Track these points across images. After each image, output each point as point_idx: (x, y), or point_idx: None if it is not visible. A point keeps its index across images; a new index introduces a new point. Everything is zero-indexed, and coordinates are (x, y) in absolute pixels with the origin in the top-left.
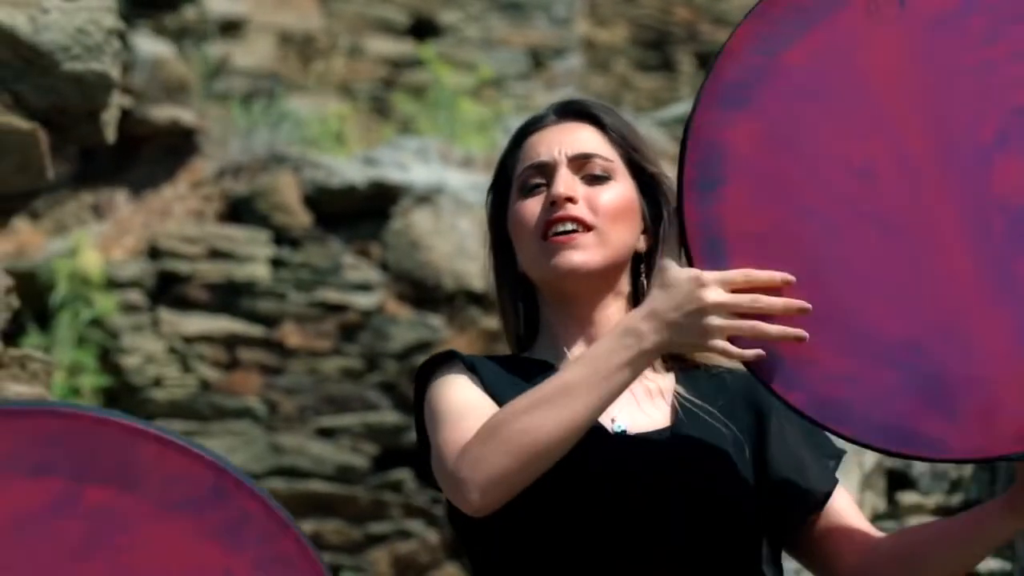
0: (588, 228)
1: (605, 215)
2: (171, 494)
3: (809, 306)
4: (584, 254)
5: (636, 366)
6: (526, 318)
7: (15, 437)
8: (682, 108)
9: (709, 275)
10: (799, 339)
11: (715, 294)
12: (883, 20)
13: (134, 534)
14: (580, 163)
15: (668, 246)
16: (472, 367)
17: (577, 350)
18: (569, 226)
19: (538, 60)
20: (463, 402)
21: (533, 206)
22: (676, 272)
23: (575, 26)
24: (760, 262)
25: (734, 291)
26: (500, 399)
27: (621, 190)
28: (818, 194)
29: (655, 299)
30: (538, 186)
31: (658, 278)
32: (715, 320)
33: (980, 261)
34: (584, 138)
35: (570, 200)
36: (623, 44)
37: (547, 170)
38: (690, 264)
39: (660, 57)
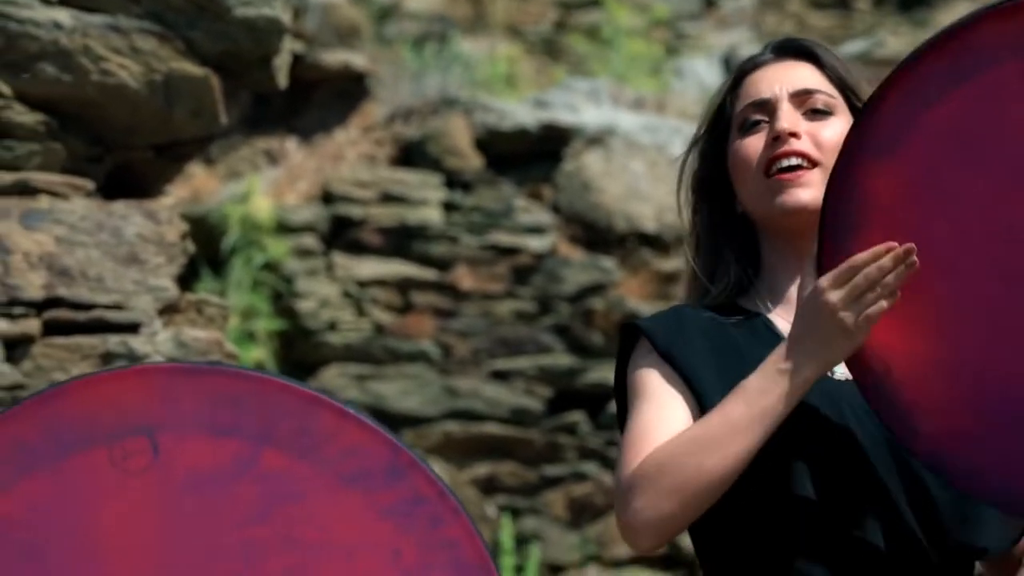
0: (813, 164)
1: (830, 150)
2: (347, 467)
3: (912, 245)
4: (811, 191)
5: (793, 398)
6: (738, 263)
7: (199, 396)
8: (858, 46)
9: (821, 281)
10: (909, 261)
11: (833, 293)
12: None
13: (305, 503)
14: (802, 99)
15: None
16: (669, 352)
17: (796, 289)
18: (794, 161)
19: (710, 0)
20: (649, 422)
21: (755, 143)
22: (806, 295)
23: None
24: (895, 310)
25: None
26: (697, 385)
27: (843, 126)
28: (958, 249)
29: (795, 326)
30: (759, 123)
31: (798, 312)
32: (846, 316)
33: None
34: (804, 75)
35: (794, 135)
36: None
37: (768, 107)
38: None
39: None
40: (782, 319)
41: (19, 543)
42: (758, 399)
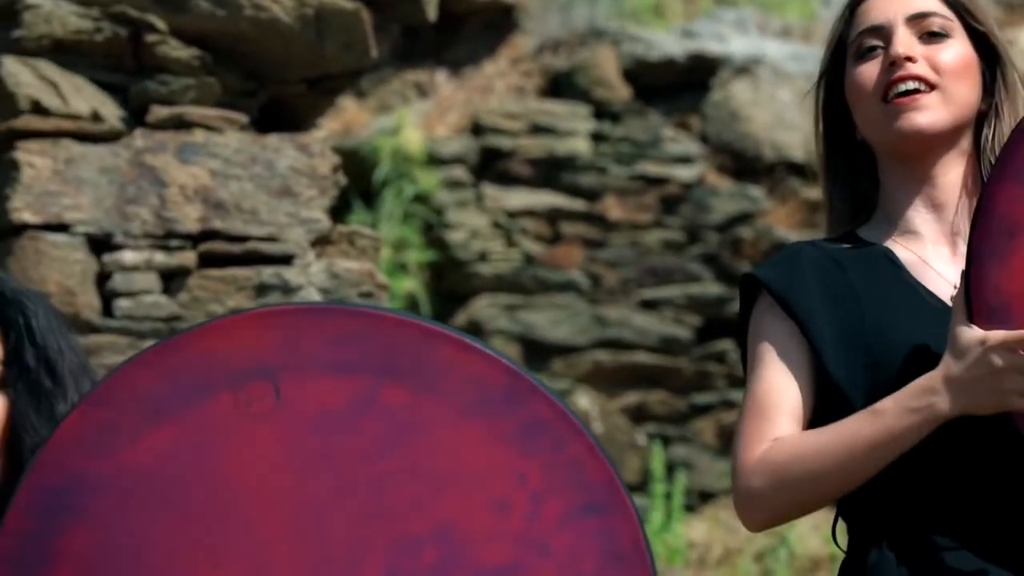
0: (931, 87)
1: (948, 73)
2: (467, 396)
3: None
4: (929, 115)
5: (924, 430)
6: (861, 192)
7: (318, 336)
8: None
9: (995, 336)
10: None
11: (1003, 357)
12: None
13: (430, 434)
14: (917, 22)
15: (1010, 105)
16: (785, 302)
17: (919, 216)
18: (911, 85)
19: None
20: (770, 393)
21: (871, 69)
22: (966, 337)
23: None
24: None
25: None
26: (813, 338)
27: (961, 48)
28: None
29: (948, 365)
30: (874, 49)
31: (951, 345)
32: (1008, 382)
33: None
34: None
35: (910, 59)
36: None
37: (884, 32)
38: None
39: None
40: (902, 247)
41: (150, 494)
42: (893, 423)
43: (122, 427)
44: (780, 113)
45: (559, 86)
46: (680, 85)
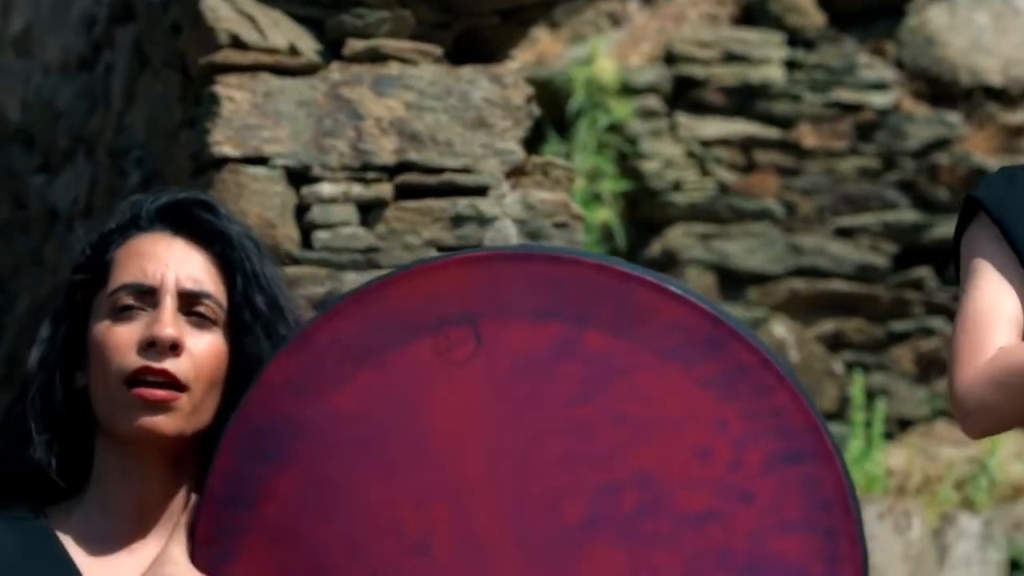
0: None
1: None
2: (667, 341)
3: None
4: None
5: None
6: None
7: (518, 282)
8: None
9: None
10: None
11: None
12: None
13: (630, 380)
14: None
15: None
16: (1000, 221)
17: None
18: None
19: None
20: (986, 308)
21: None
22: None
23: None
24: None
25: None
26: None
27: None
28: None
29: None
30: None
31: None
32: None
33: None
34: None
35: None
36: None
37: None
38: None
39: None
40: None
41: (353, 437)
42: None
43: (326, 372)
44: (977, 37)
45: (752, 13)
46: (875, 11)
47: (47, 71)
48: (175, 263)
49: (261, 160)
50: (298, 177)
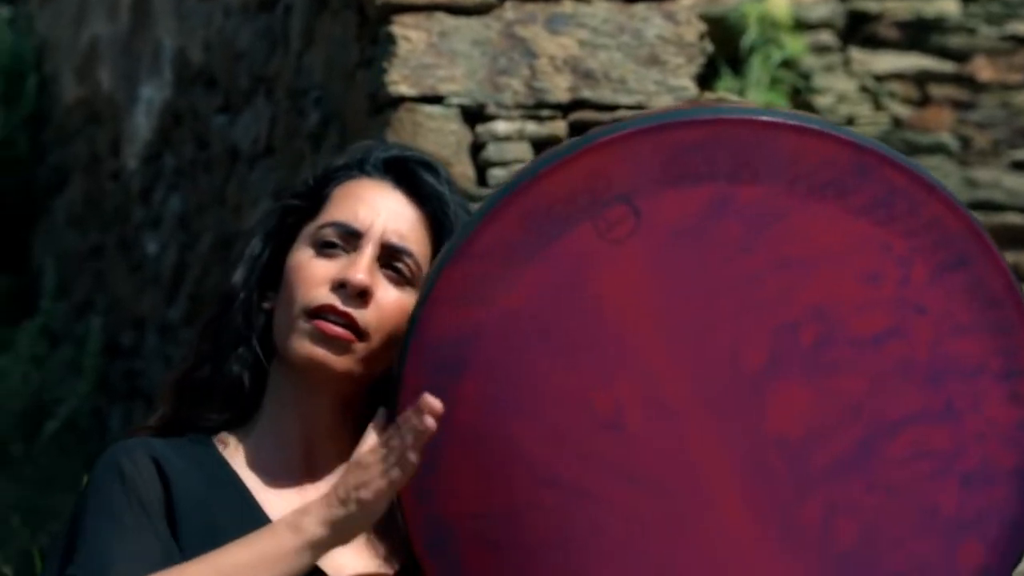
0: None
1: None
2: (817, 179)
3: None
4: None
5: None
6: None
7: (662, 152)
8: None
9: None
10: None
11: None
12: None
13: (788, 222)
14: None
15: None
16: None
17: None
18: None
19: None
20: None
21: None
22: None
23: None
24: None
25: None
26: None
27: None
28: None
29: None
30: None
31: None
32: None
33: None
34: None
35: None
36: None
37: None
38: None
39: None
40: None
41: (530, 331)
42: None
43: (492, 276)
44: None
45: None
46: None
47: (228, 13)
48: (386, 214)
49: (437, 99)
50: (473, 116)
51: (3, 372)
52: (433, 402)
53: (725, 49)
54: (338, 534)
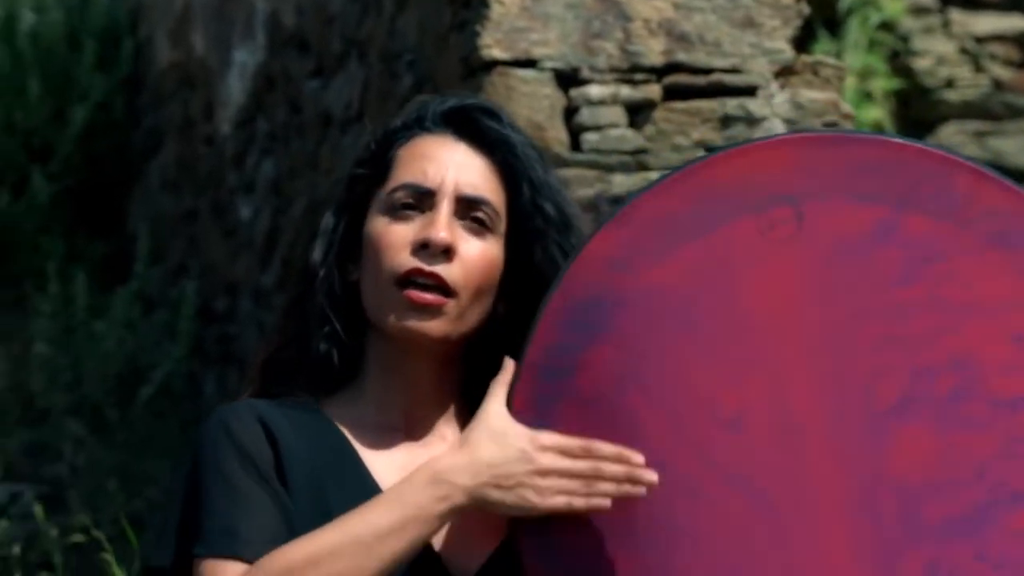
0: None
1: None
2: (987, 227)
3: (654, 477)
4: None
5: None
6: None
7: (839, 165)
8: None
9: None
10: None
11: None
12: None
13: (950, 264)
14: None
15: None
16: None
17: None
18: None
19: None
20: None
21: None
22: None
23: None
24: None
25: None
26: None
27: None
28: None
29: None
30: None
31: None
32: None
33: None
34: None
35: None
36: None
37: None
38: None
39: None
40: None
41: (672, 311)
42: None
43: (648, 246)
44: None
45: None
46: None
47: None
48: (455, 168)
49: (530, 63)
50: (567, 79)
51: (98, 337)
52: (651, 476)
53: (822, 11)
54: (479, 509)
